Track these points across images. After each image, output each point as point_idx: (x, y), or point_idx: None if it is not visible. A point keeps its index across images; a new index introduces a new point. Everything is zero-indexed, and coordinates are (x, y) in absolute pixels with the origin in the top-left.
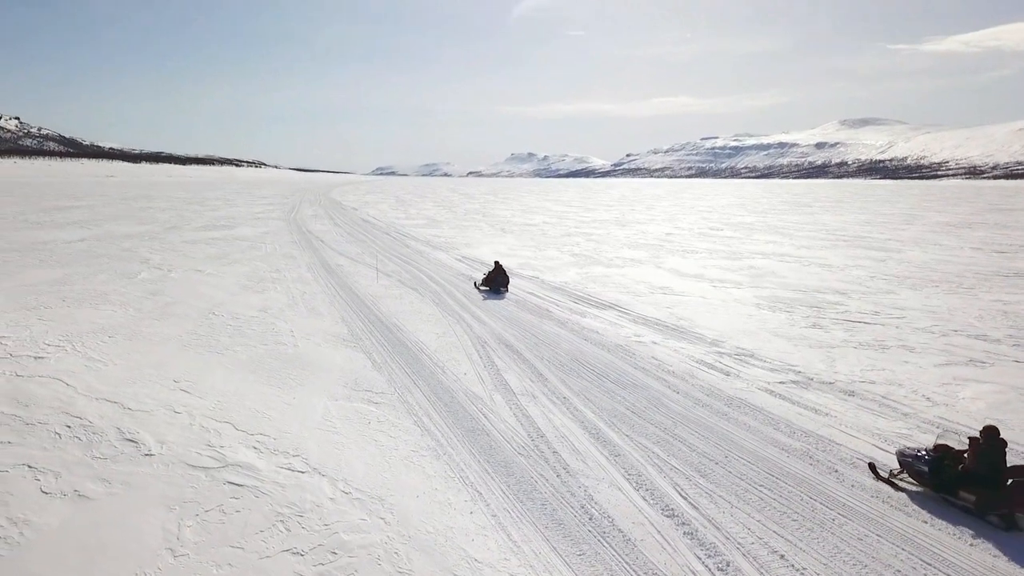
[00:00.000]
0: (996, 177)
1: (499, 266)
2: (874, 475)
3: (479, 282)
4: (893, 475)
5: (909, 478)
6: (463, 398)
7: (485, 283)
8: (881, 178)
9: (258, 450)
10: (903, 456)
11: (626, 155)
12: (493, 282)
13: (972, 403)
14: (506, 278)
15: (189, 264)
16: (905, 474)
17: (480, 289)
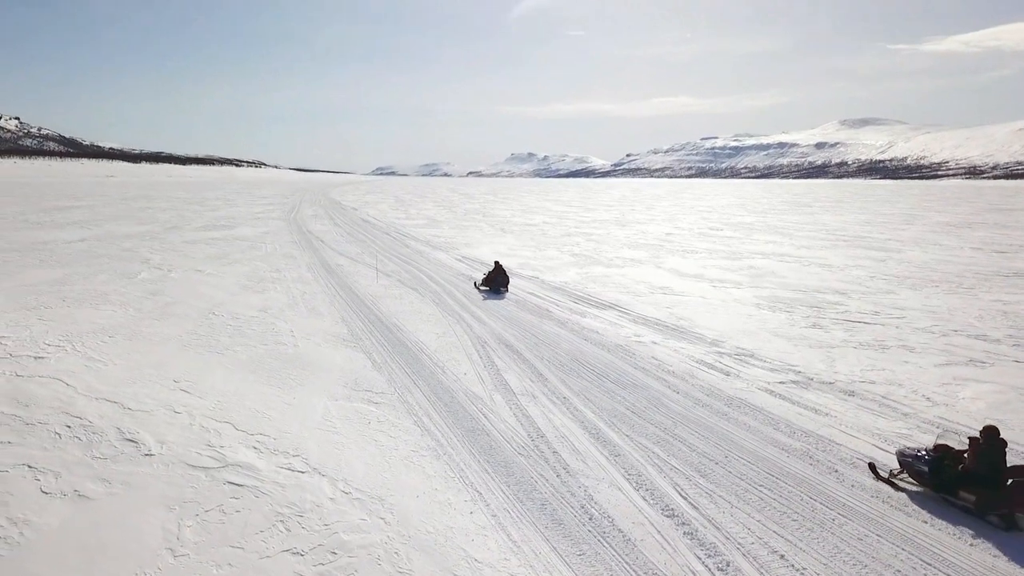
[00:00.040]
0: (996, 177)
1: (499, 266)
2: (874, 475)
3: (479, 282)
4: (893, 475)
5: (909, 478)
6: (463, 398)
7: (485, 283)
8: (881, 178)
9: (258, 450)
10: (903, 456)
11: (626, 155)
12: (493, 282)
13: (972, 403)
14: (506, 278)
15: (189, 264)
16: (905, 474)
17: (480, 289)
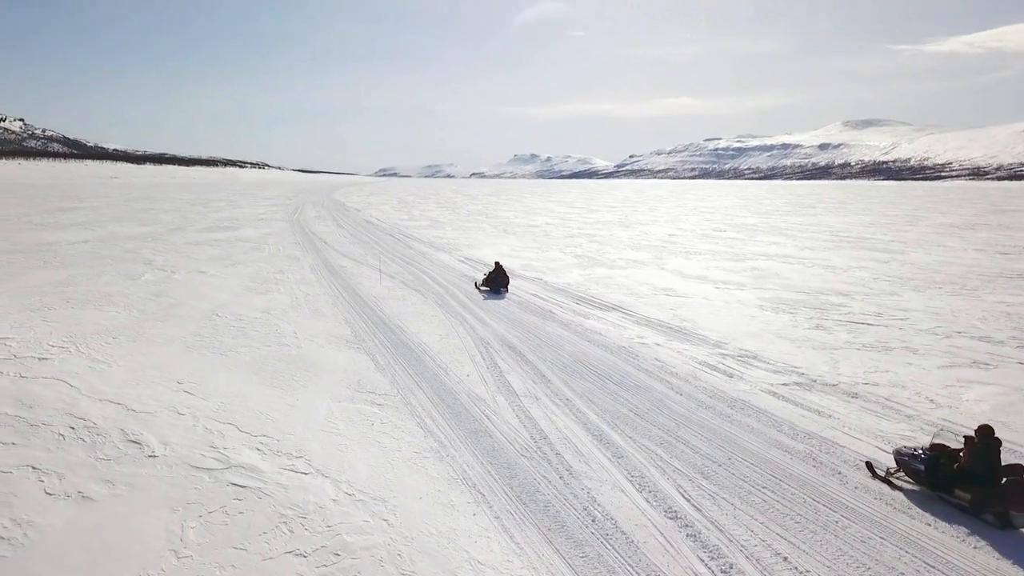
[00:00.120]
0: (999, 178)
1: (499, 266)
2: (871, 474)
3: (479, 282)
4: (890, 474)
5: (906, 477)
6: (466, 400)
7: (486, 283)
8: (884, 179)
9: (261, 451)
10: (900, 455)
11: (629, 156)
12: (493, 282)
13: (976, 405)
14: (506, 278)
15: (192, 265)
16: (902, 473)
17: (480, 289)
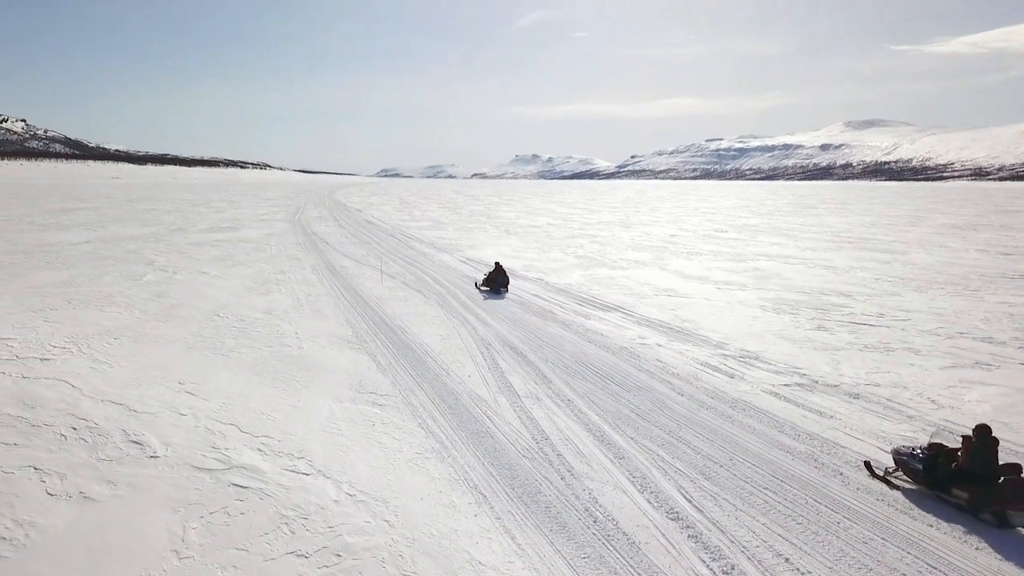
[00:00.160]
0: (1002, 179)
1: (499, 267)
2: (870, 473)
3: (480, 282)
4: (888, 473)
5: (904, 476)
6: (467, 400)
7: (486, 283)
8: (886, 180)
9: (263, 452)
10: (898, 454)
11: (631, 157)
12: (493, 282)
13: (978, 406)
14: (506, 278)
15: (194, 266)
16: (900, 472)
17: (481, 289)
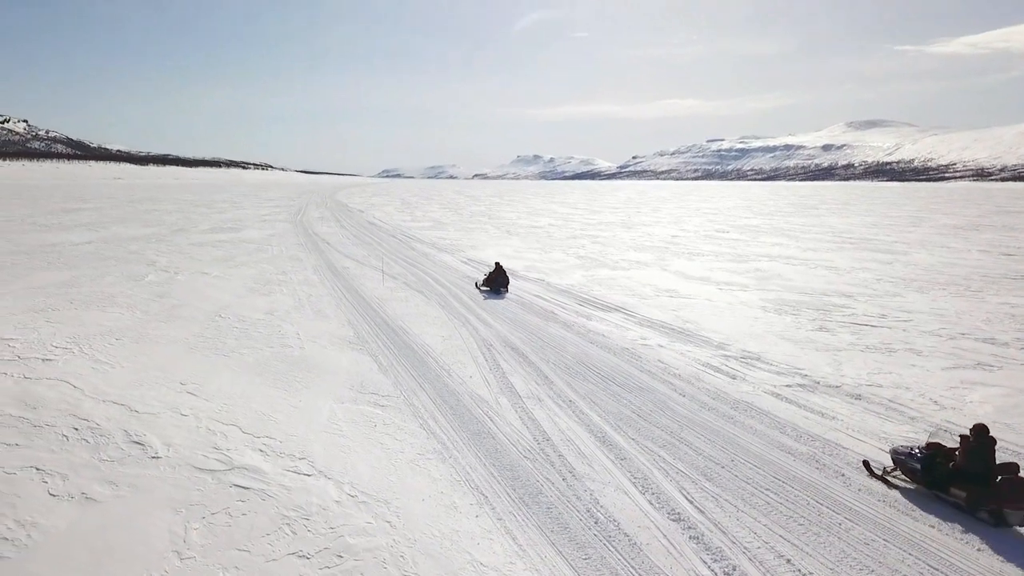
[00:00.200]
0: (1004, 179)
1: (499, 267)
2: (868, 472)
3: (480, 282)
4: (887, 472)
5: (902, 475)
6: (469, 401)
7: (486, 283)
8: (888, 180)
9: (264, 453)
10: (897, 454)
11: (632, 157)
12: (494, 282)
13: (980, 407)
14: (506, 279)
15: (196, 267)
16: (898, 471)
17: (481, 289)
